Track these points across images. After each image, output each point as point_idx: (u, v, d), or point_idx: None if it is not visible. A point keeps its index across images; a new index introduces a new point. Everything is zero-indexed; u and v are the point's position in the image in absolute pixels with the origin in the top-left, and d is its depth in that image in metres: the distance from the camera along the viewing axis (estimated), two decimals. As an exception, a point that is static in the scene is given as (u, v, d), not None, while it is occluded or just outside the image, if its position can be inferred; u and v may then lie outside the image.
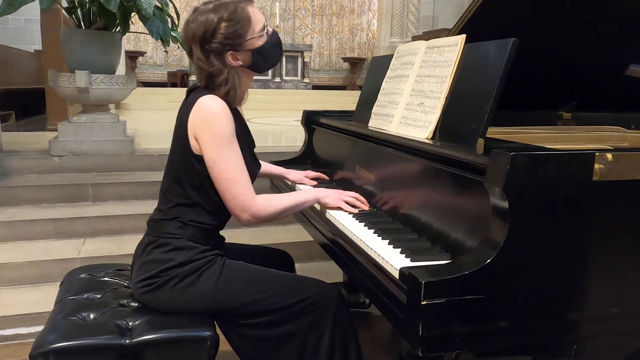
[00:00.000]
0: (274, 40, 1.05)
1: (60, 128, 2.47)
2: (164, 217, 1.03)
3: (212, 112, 0.96)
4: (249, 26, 1.00)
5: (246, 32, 1.00)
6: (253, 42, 1.01)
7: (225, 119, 0.97)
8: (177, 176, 1.02)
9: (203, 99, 0.98)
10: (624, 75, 1.39)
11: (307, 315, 1.00)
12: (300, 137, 1.73)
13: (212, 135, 0.96)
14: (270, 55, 1.05)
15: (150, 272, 0.99)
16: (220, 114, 0.97)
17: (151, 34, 2.30)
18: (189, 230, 1.01)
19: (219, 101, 0.98)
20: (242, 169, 0.99)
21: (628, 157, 0.77)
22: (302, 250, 1.96)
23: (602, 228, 0.77)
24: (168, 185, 1.04)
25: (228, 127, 0.97)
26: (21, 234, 2.00)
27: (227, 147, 0.97)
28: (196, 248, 1.00)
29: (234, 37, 0.98)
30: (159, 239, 1.01)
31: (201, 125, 0.97)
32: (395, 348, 1.49)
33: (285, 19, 8.28)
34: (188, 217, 1.01)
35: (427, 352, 0.70)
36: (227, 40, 0.98)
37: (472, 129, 0.90)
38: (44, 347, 0.90)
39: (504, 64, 0.88)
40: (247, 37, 1.00)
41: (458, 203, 0.86)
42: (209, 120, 0.96)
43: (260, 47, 1.02)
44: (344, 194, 1.13)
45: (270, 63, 1.07)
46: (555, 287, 0.76)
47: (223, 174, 0.97)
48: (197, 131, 0.97)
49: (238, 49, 1.00)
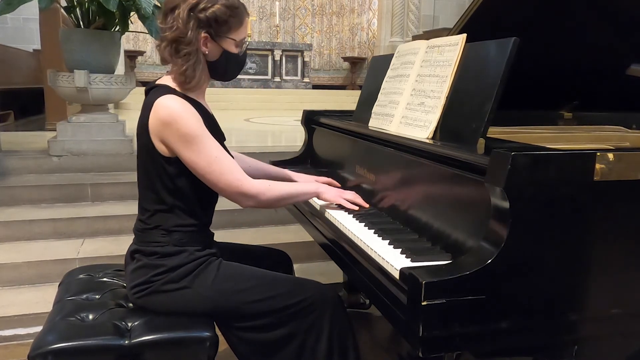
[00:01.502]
0: (242, 59, 1.05)
1: (59, 128, 2.47)
2: (146, 227, 1.00)
3: (173, 113, 0.93)
4: (236, 26, 1.00)
5: (231, 29, 0.99)
6: (229, 43, 1.00)
7: (188, 116, 0.94)
8: (149, 183, 0.99)
9: (160, 101, 0.94)
10: (626, 75, 1.38)
11: (304, 317, 0.99)
12: (300, 137, 1.72)
13: (180, 136, 0.92)
14: (231, 67, 1.04)
15: (143, 278, 0.98)
16: (181, 112, 0.93)
17: (150, 33, 2.30)
18: (174, 236, 0.99)
19: (176, 100, 0.95)
20: (224, 157, 0.96)
21: (629, 157, 0.77)
22: (302, 251, 1.96)
23: (603, 228, 0.77)
24: (142, 194, 1.02)
25: (193, 122, 0.94)
26: (20, 234, 2.00)
27: (199, 142, 0.93)
28: (185, 251, 0.99)
29: (220, 22, 0.97)
30: (146, 248, 1.00)
31: (165, 128, 0.93)
32: (395, 349, 1.48)
33: (285, 18, 8.27)
34: (169, 224, 0.99)
35: (427, 352, 0.70)
36: (213, 21, 0.96)
37: (472, 128, 0.90)
38: (43, 347, 0.89)
39: (504, 63, 0.87)
40: (228, 34, 0.99)
41: (458, 203, 0.85)
42: (171, 122, 0.92)
43: (231, 53, 1.01)
44: (344, 193, 1.13)
45: (227, 74, 1.06)
46: (556, 287, 0.76)
47: (207, 169, 0.94)
48: (163, 135, 0.94)
49: (214, 37, 0.98)
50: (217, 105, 5.92)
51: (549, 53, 1.22)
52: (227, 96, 5.86)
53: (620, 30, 1.26)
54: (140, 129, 0.99)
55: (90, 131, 2.47)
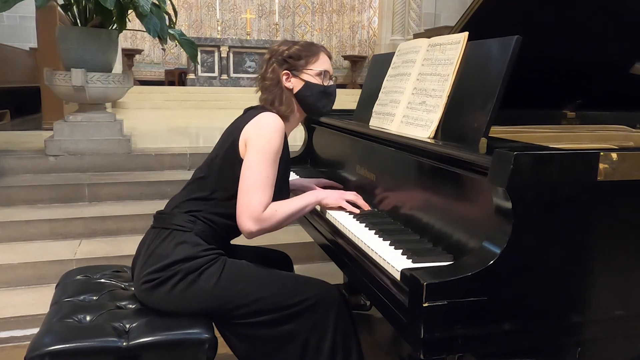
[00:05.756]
0: (330, 90, 1.14)
1: (56, 127, 2.45)
2: (177, 209, 1.05)
3: (271, 125, 1.04)
4: (313, 59, 1.12)
5: (307, 62, 1.11)
6: (309, 75, 1.11)
7: (279, 136, 1.04)
8: (212, 174, 1.06)
9: (266, 114, 1.07)
10: (629, 74, 1.38)
11: (308, 315, 1.00)
12: (300, 136, 1.71)
13: (262, 144, 1.02)
14: (319, 97, 1.12)
15: (155, 266, 0.99)
16: (277, 129, 1.04)
17: (148, 31, 2.28)
18: (199, 226, 1.02)
19: (279, 120, 1.06)
20: (271, 184, 1.02)
21: (633, 157, 0.76)
22: (302, 252, 1.95)
23: (607, 228, 0.77)
24: (197, 179, 1.08)
25: (278, 143, 1.04)
26: (16, 234, 1.98)
27: (268, 159, 1.01)
28: (200, 245, 1.01)
29: (295, 57, 1.11)
30: (165, 231, 1.03)
31: (256, 133, 1.03)
32: (396, 350, 1.48)
33: (285, 16, 8.25)
34: (202, 213, 1.03)
35: (428, 354, 0.69)
36: (289, 59, 1.10)
37: (474, 128, 0.89)
38: (40, 349, 0.89)
39: (507, 62, 0.87)
40: (306, 66, 1.11)
41: (460, 203, 0.85)
42: (264, 130, 1.03)
43: (314, 84, 1.11)
44: (345, 194, 1.12)
45: (317, 106, 1.14)
46: (558, 288, 0.75)
47: (252, 178, 1.00)
48: (249, 137, 1.03)
49: (294, 72, 1.11)
50: (216, 104, 5.90)
51: (551, 51, 1.21)
52: (226, 95, 5.85)
53: (624, 28, 1.25)
54: (229, 133, 1.09)
55: (87, 131, 2.46)
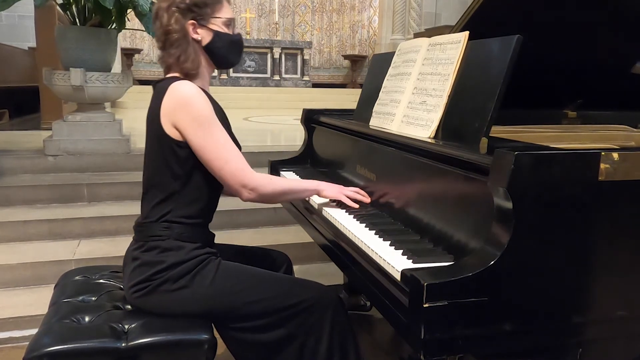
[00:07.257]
0: (237, 39, 1.05)
1: (54, 127, 2.44)
2: (148, 220, 1.00)
3: (187, 94, 0.95)
4: (218, 6, 1.01)
5: (213, 10, 1.01)
6: (218, 23, 1.01)
7: (202, 100, 0.96)
8: (157, 171, 1.00)
9: (176, 85, 0.96)
10: (631, 73, 1.37)
11: (305, 318, 0.99)
12: (299, 136, 1.71)
13: (193, 118, 0.94)
14: (230, 49, 1.04)
15: (143, 276, 0.97)
16: (196, 95, 0.95)
17: (147, 31, 2.27)
18: (175, 230, 0.99)
19: (191, 84, 0.97)
20: (231, 146, 0.98)
21: (634, 157, 0.76)
22: (301, 252, 1.94)
23: (608, 229, 0.76)
24: (148, 186, 1.02)
25: (206, 107, 0.96)
26: (15, 235, 1.97)
27: (210, 127, 0.95)
28: (185, 247, 0.98)
29: (200, 5, 0.99)
30: (146, 243, 0.99)
31: (179, 110, 0.95)
32: (396, 351, 1.48)
33: (285, 15, 8.23)
34: (172, 215, 0.99)
35: (429, 355, 0.69)
36: (194, 7, 0.99)
37: (475, 127, 0.89)
38: (38, 350, 0.88)
39: (507, 61, 0.86)
40: (212, 14, 1.00)
41: (461, 203, 0.84)
42: (186, 104, 0.94)
43: (224, 34, 1.02)
44: (345, 189, 1.12)
45: (229, 58, 1.06)
46: (560, 289, 0.75)
47: (213, 154, 0.95)
48: (175, 119, 0.95)
49: (201, 21, 1.00)
50: (215, 104, 5.90)
51: (552, 51, 1.20)
52: (226, 95, 5.82)
53: (625, 27, 1.25)
54: (150, 117, 0.99)
55: (86, 130, 2.45)
